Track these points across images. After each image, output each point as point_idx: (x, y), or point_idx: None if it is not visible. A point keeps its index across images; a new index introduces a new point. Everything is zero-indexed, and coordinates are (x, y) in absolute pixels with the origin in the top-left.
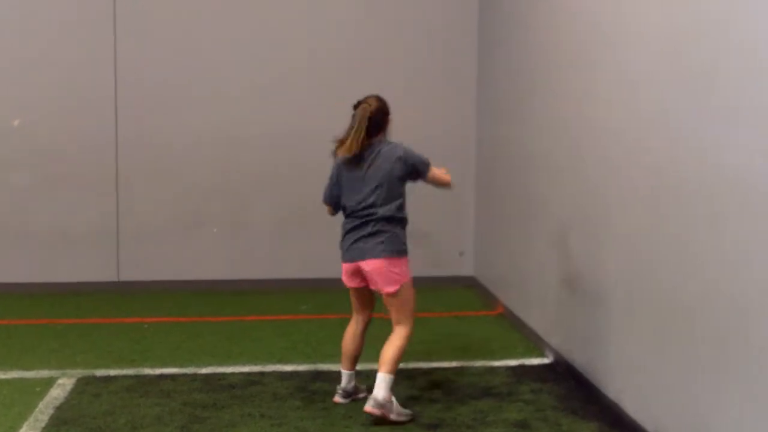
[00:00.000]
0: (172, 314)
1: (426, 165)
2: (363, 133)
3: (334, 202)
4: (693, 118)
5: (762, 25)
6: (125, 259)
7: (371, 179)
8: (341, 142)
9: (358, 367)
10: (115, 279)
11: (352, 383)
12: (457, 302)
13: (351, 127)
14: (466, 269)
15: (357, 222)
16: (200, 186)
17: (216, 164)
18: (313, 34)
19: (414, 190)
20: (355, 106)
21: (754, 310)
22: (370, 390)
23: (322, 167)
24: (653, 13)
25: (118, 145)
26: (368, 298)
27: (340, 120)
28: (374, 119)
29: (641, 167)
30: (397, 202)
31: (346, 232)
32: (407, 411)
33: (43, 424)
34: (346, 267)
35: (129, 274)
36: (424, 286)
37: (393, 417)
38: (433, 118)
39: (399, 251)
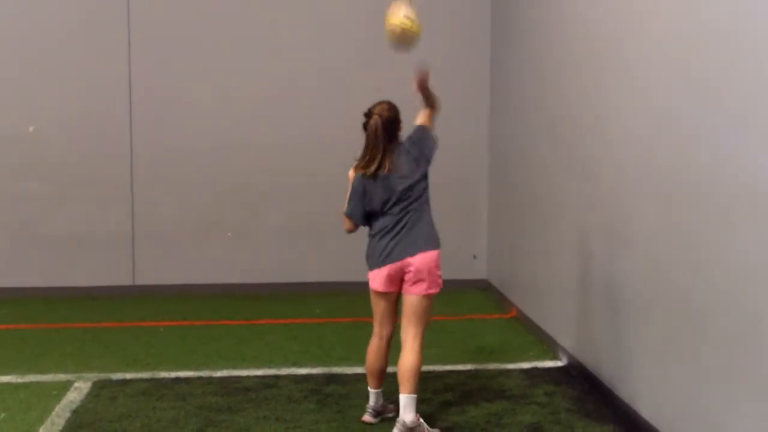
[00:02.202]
0: (186, 318)
1: (424, 127)
2: (382, 149)
3: (360, 217)
4: (704, 121)
5: None
6: (140, 264)
7: (398, 180)
8: (364, 162)
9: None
10: (130, 283)
11: (381, 401)
12: (471, 305)
13: (367, 146)
14: (479, 272)
15: (391, 222)
16: (214, 192)
17: (229, 170)
18: (325, 41)
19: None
20: (366, 115)
21: (767, 314)
22: (395, 404)
23: (333, 172)
24: (664, 16)
25: (132, 152)
26: (395, 306)
27: (351, 126)
28: (388, 130)
29: (653, 171)
30: (426, 195)
31: (382, 236)
32: (435, 430)
33: (59, 428)
34: (387, 270)
35: (144, 279)
36: None
37: None
38: (446, 122)
39: (439, 245)
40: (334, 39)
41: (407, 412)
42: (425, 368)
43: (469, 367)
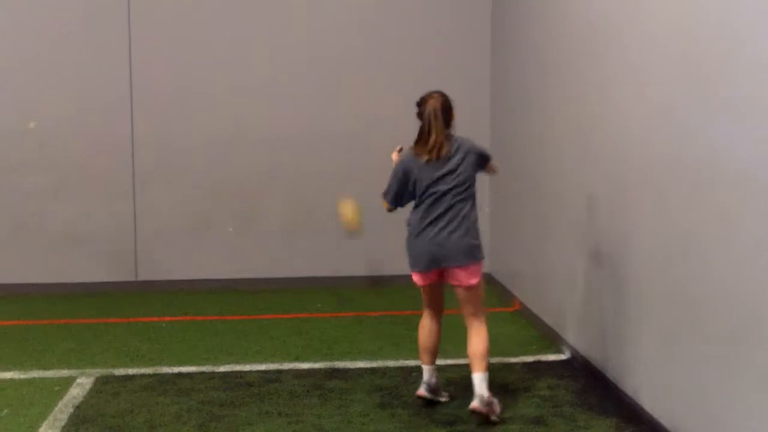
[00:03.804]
0: (189, 313)
1: (489, 155)
2: (440, 132)
3: (397, 203)
4: (703, 114)
5: None
6: (143, 260)
7: (455, 172)
8: (422, 143)
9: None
10: (133, 279)
11: (434, 379)
12: None
13: (424, 131)
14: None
15: (433, 214)
16: (216, 186)
17: (231, 165)
18: (326, 35)
19: None
20: (419, 104)
21: (767, 306)
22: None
23: (336, 166)
24: (663, 9)
25: (134, 147)
26: (442, 293)
27: (351, 120)
28: (445, 115)
29: (653, 163)
30: (471, 193)
31: (422, 228)
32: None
33: (62, 423)
34: (423, 274)
35: (147, 274)
36: None
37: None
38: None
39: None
40: (337, 32)
41: (484, 387)
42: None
43: None
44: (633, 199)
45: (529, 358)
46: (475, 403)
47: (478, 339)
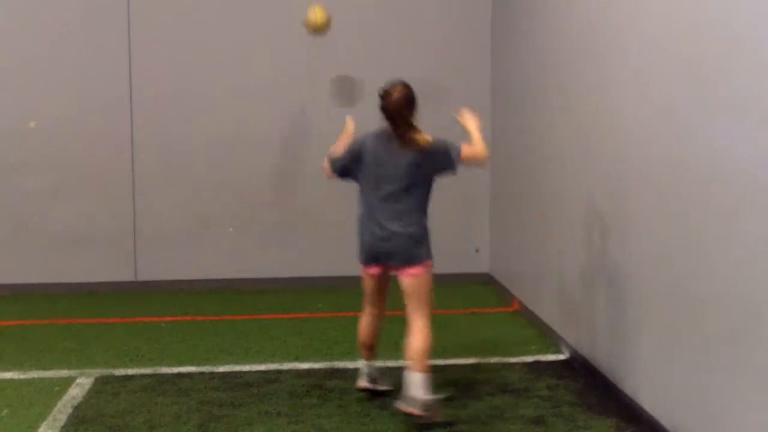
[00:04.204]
0: (189, 313)
1: (459, 151)
2: (403, 122)
3: (342, 174)
4: (703, 113)
5: None
6: (142, 260)
7: (409, 166)
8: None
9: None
10: (132, 279)
11: (374, 372)
12: (473, 299)
13: (392, 124)
14: (481, 266)
15: (379, 207)
16: (215, 186)
17: (230, 166)
18: (326, 37)
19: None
20: (382, 96)
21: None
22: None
23: None
24: (663, 8)
25: (134, 147)
26: (386, 286)
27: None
28: (408, 107)
29: (654, 163)
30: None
31: (366, 221)
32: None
33: (61, 423)
34: (373, 266)
35: (146, 274)
36: (439, 282)
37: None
38: (447, 116)
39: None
40: (336, 31)
41: (421, 390)
42: (428, 362)
43: (471, 360)
44: (633, 199)
45: (529, 358)
46: (404, 404)
47: (417, 337)
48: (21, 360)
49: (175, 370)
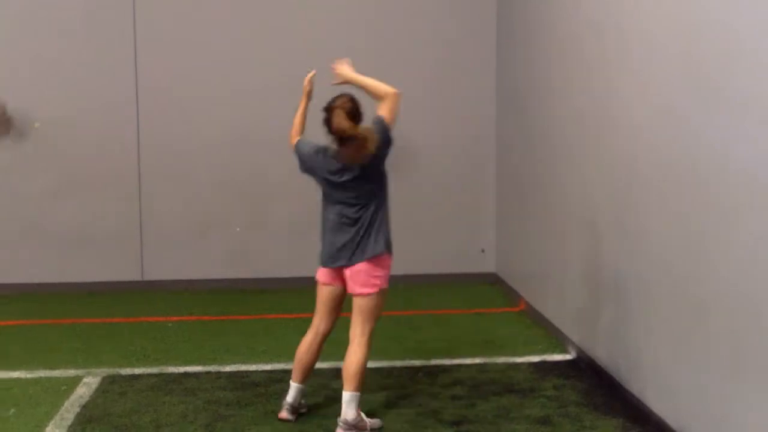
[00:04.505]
0: (195, 313)
1: (382, 120)
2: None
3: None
4: (706, 114)
5: None
6: (149, 259)
7: (360, 172)
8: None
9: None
10: (138, 279)
11: (300, 398)
12: (479, 299)
13: (337, 140)
14: (487, 266)
15: (335, 214)
16: (221, 187)
17: (236, 165)
18: (329, 37)
19: (435, 186)
20: (326, 110)
21: None
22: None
23: None
24: (667, 10)
25: (140, 147)
26: (339, 301)
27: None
28: (354, 119)
29: (658, 163)
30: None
31: (327, 229)
32: (376, 420)
33: (68, 423)
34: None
35: (152, 274)
36: (446, 283)
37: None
38: (453, 116)
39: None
40: (341, 32)
41: (349, 410)
42: (434, 362)
43: (477, 360)
44: (637, 199)
45: (535, 358)
46: (338, 429)
47: (353, 357)
48: (28, 359)
49: (182, 369)
